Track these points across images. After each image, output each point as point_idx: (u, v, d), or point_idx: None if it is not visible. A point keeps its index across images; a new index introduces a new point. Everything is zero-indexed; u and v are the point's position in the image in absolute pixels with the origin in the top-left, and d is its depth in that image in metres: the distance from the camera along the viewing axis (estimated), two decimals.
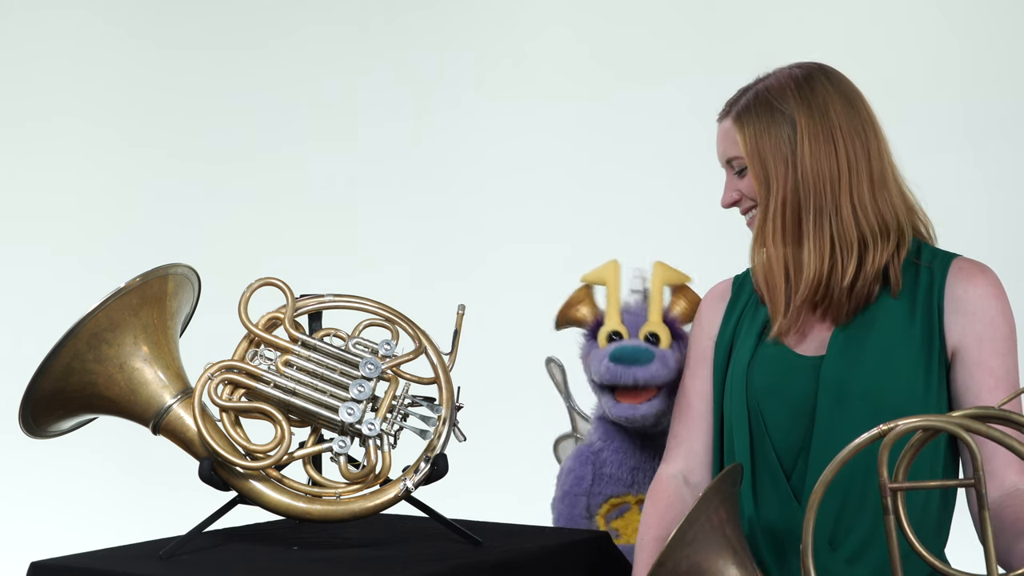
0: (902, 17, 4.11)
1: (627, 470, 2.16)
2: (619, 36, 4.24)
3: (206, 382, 1.76)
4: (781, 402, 1.86)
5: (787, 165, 1.85)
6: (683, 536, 1.52)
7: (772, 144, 1.86)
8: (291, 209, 4.27)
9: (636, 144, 4.18)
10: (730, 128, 1.90)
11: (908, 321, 1.82)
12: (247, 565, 1.73)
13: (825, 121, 1.85)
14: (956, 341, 1.81)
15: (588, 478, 2.17)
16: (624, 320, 2.14)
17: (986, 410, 1.53)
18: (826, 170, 1.83)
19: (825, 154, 1.84)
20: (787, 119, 1.85)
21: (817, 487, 1.50)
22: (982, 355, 1.80)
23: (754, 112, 1.88)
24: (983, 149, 4.05)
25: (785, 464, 1.85)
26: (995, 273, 1.85)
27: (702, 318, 2.03)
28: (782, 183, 1.85)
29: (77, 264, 4.18)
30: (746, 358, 1.91)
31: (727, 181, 1.94)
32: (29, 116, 4.28)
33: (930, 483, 1.53)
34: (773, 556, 1.84)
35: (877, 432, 1.51)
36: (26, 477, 4.08)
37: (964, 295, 1.82)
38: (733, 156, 1.91)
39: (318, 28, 4.32)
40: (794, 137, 1.85)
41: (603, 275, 2.19)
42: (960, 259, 1.86)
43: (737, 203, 1.93)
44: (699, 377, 2.00)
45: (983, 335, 1.80)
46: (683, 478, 1.96)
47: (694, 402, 1.99)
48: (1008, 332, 1.81)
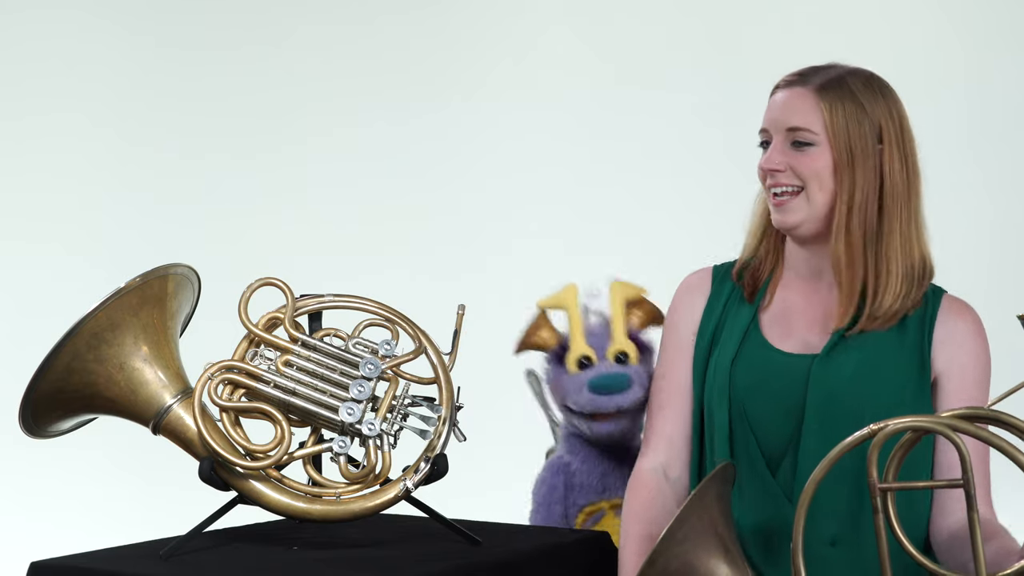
0: (904, 17, 4.11)
1: (597, 477, 2.18)
2: (619, 36, 4.24)
3: (206, 382, 1.76)
4: (766, 399, 1.85)
5: (874, 167, 1.81)
6: (673, 535, 1.52)
7: (859, 135, 1.81)
8: (291, 209, 4.27)
9: (636, 144, 4.18)
10: (809, 98, 1.81)
11: (899, 340, 1.85)
12: (247, 565, 1.73)
13: (906, 144, 1.83)
14: (941, 368, 1.85)
15: (560, 488, 2.19)
16: (590, 343, 2.15)
17: (975, 410, 1.53)
18: (904, 189, 1.82)
19: (903, 175, 1.83)
20: (871, 120, 1.81)
21: (808, 486, 1.50)
22: (964, 384, 1.85)
23: (840, 94, 1.81)
24: (983, 149, 4.05)
25: (770, 462, 1.85)
26: (977, 314, 1.90)
27: (680, 309, 1.98)
28: (864, 181, 1.81)
29: (77, 264, 4.18)
30: (730, 355, 1.89)
31: (775, 147, 1.84)
32: (28, 115, 4.28)
33: (919, 483, 1.54)
34: (760, 554, 1.84)
35: (867, 432, 1.51)
36: (26, 477, 4.08)
37: (954, 328, 1.86)
38: (802, 126, 1.81)
39: (318, 28, 4.32)
40: (878, 143, 1.82)
41: (562, 300, 2.18)
42: (949, 295, 1.89)
43: (777, 174, 1.84)
44: (678, 369, 1.95)
45: (966, 366, 1.85)
46: (663, 472, 1.93)
47: (674, 396, 1.95)
48: (985, 365, 1.88)
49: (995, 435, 1.48)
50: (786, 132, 1.83)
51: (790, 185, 1.83)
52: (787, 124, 1.83)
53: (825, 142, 1.81)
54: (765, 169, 1.85)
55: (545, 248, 4.09)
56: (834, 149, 1.80)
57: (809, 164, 1.82)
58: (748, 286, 1.93)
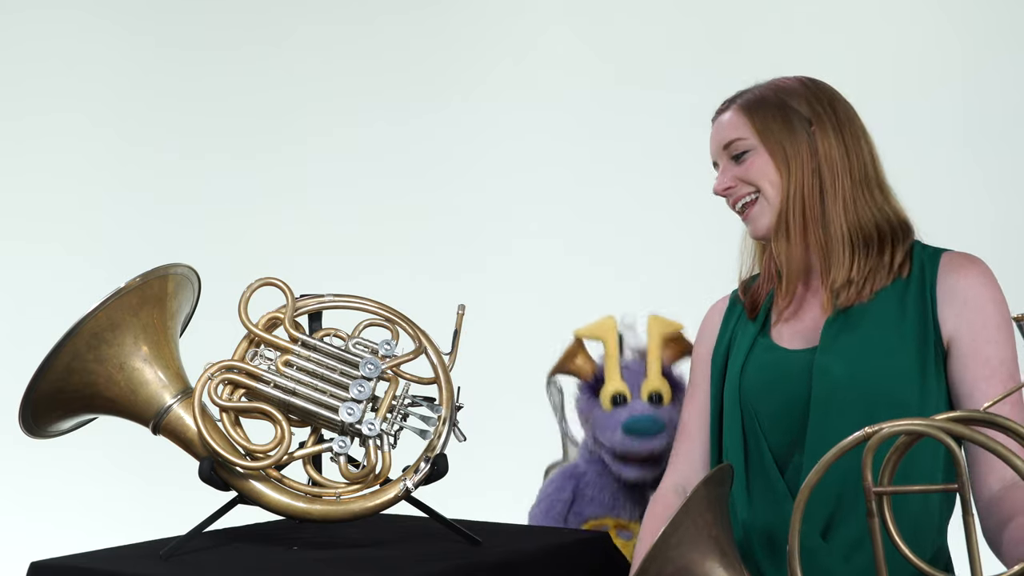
0: (904, 17, 4.11)
1: (608, 493, 2.18)
2: (619, 36, 4.24)
3: (206, 382, 1.76)
4: (774, 398, 1.86)
5: (808, 152, 1.86)
6: (667, 539, 1.51)
7: (787, 131, 1.87)
8: (291, 209, 4.26)
9: (636, 144, 4.18)
10: (734, 116, 1.91)
11: (899, 314, 1.83)
12: (247, 565, 1.73)
13: (839, 119, 1.87)
14: (950, 332, 1.81)
15: (568, 490, 2.19)
16: (624, 377, 2.16)
17: (970, 413, 1.53)
18: (844, 163, 1.86)
19: (841, 149, 1.86)
20: (799, 114, 1.87)
21: (803, 489, 1.50)
22: (976, 344, 1.79)
23: (761, 100, 1.90)
24: (983, 149, 4.05)
25: (780, 461, 1.86)
26: (985, 263, 1.85)
27: (702, 335, 2.06)
28: (800, 170, 1.86)
29: (77, 264, 4.18)
30: (739, 363, 1.93)
31: (722, 169, 1.94)
32: (28, 115, 4.28)
33: (914, 487, 1.53)
34: (769, 557, 1.84)
35: (862, 435, 1.51)
36: (26, 477, 4.07)
37: (956, 285, 1.82)
38: (733, 139, 1.90)
39: (318, 28, 4.32)
40: (809, 129, 1.87)
41: (600, 332, 2.20)
42: (949, 252, 1.87)
43: (730, 190, 1.92)
44: (700, 392, 2.02)
45: (976, 324, 1.80)
46: (682, 489, 1.98)
47: (695, 419, 2.01)
48: (1001, 320, 1.80)
49: (990, 438, 1.48)
50: (723, 151, 1.93)
51: (746, 194, 1.91)
52: (722, 143, 1.92)
53: (758, 144, 1.88)
54: (717, 191, 1.94)
55: (545, 248, 4.08)
56: (767, 146, 1.87)
57: (751, 168, 1.89)
58: (748, 304, 1.98)
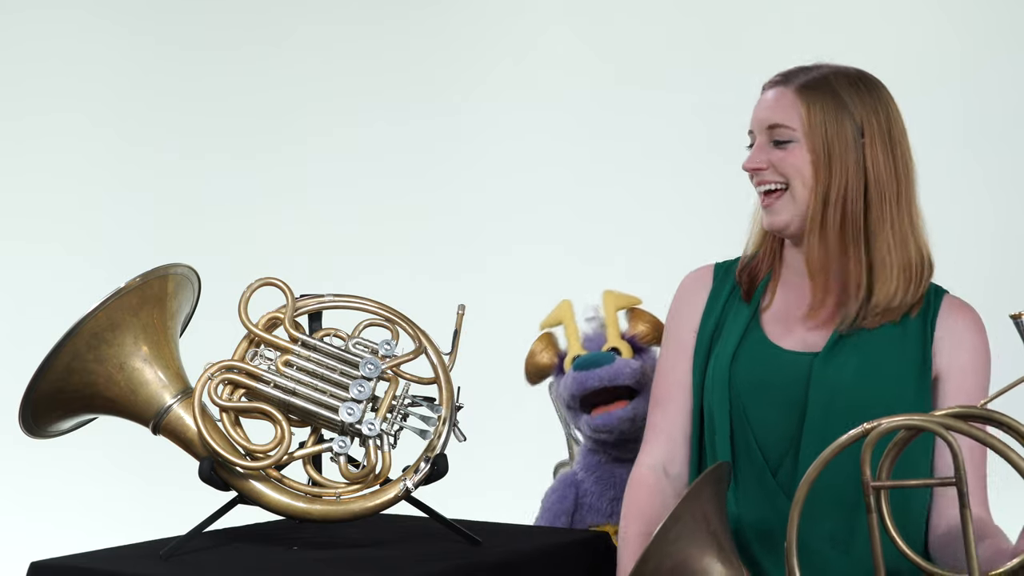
0: (904, 17, 4.11)
1: (607, 501, 2.18)
2: (619, 36, 4.24)
3: (206, 382, 1.76)
4: (766, 397, 1.86)
5: (856, 161, 1.82)
6: (666, 534, 1.52)
7: (838, 131, 1.82)
8: (291, 209, 4.26)
9: (636, 144, 4.18)
10: (789, 96, 1.84)
11: (900, 340, 1.85)
12: (247, 565, 1.73)
13: (891, 135, 1.84)
14: (941, 368, 1.86)
15: (570, 499, 2.20)
16: (586, 346, 2.17)
17: (969, 409, 1.53)
18: (892, 183, 1.83)
19: (888, 167, 1.83)
20: (852, 116, 1.82)
21: (801, 486, 1.51)
22: (963, 385, 1.85)
23: (820, 92, 1.83)
24: (983, 149, 4.05)
25: (770, 460, 1.85)
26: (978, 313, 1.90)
27: (681, 307, 1.99)
28: (844, 175, 1.81)
29: (77, 264, 4.18)
30: (730, 351, 1.89)
31: (758, 145, 1.86)
32: (28, 115, 4.28)
33: (912, 481, 1.54)
34: (763, 550, 1.84)
35: (860, 431, 1.51)
36: (26, 477, 4.07)
37: (954, 327, 1.86)
38: (781, 123, 1.83)
39: (318, 28, 4.32)
40: (860, 137, 1.82)
41: (558, 316, 2.23)
42: (950, 295, 1.90)
43: (759, 172, 1.86)
44: (678, 366, 1.96)
45: (965, 366, 1.86)
46: (663, 469, 1.94)
47: (674, 392, 1.96)
48: (985, 367, 1.88)
49: (989, 434, 1.48)
50: (767, 130, 1.85)
51: (774, 182, 1.85)
52: (768, 122, 1.85)
53: (803, 138, 1.83)
54: (748, 168, 1.87)
55: (545, 248, 4.09)
56: (811, 145, 1.82)
57: (788, 160, 1.84)
58: (745, 284, 1.95)
